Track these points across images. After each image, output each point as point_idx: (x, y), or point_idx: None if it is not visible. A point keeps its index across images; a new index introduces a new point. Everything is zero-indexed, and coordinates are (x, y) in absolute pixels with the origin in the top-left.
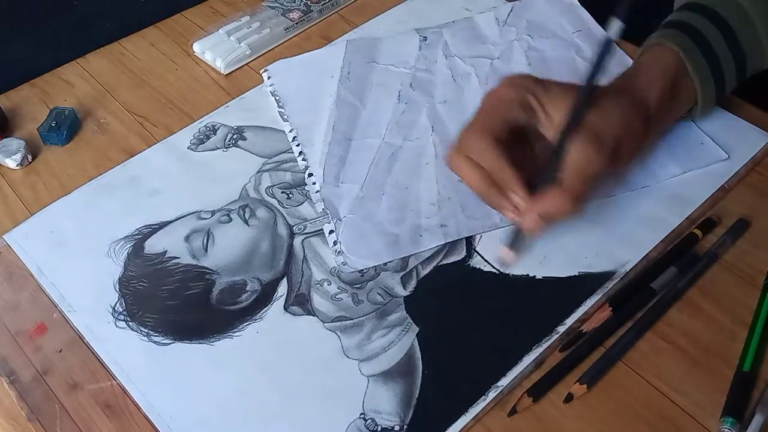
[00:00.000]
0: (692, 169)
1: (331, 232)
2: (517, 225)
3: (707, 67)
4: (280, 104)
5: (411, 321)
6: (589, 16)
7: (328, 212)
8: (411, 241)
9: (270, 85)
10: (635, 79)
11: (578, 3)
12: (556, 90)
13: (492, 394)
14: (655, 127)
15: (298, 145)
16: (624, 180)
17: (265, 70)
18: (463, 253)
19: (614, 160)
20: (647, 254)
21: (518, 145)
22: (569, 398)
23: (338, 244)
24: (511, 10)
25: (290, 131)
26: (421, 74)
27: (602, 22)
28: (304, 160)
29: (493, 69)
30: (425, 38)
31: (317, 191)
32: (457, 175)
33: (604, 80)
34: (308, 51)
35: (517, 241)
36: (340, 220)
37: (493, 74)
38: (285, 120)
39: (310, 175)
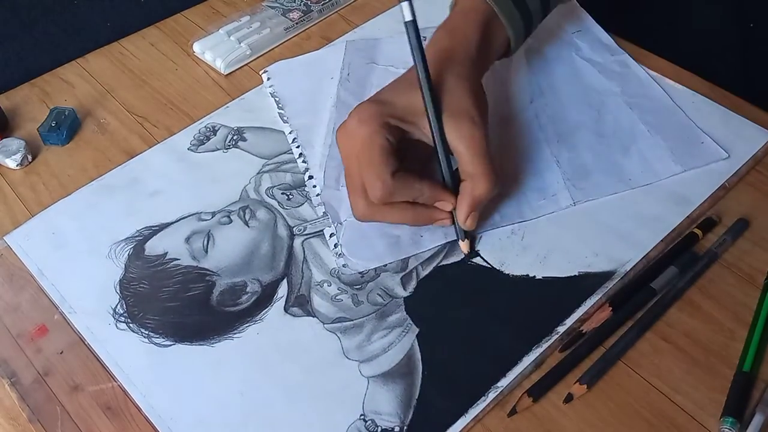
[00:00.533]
0: (692, 167)
1: (331, 235)
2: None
3: (515, 10)
4: (280, 105)
5: (411, 322)
6: (588, 16)
7: (329, 216)
8: (412, 242)
9: (269, 87)
10: (454, 44)
11: (578, 3)
12: (400, 101)
13: (492, 395)
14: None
15: (298, 146)
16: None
17: (265, 71)
18: (463, 254)
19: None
20: (647, 254)
21: (413, 155)
22: (569, 398)
23: (339, 246)
24: None
25: (290, 133)
26: None
27: (602, 22)
28: (304, 162)
29: (492, 70)
30: (425, 38)
31: (318, 194)
32: (388, 222)
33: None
34: (308, 51)
35: (465, 233)
36: (341, 224)
37: (492, 76)
38: (285, 122)
39: (311, 177)
